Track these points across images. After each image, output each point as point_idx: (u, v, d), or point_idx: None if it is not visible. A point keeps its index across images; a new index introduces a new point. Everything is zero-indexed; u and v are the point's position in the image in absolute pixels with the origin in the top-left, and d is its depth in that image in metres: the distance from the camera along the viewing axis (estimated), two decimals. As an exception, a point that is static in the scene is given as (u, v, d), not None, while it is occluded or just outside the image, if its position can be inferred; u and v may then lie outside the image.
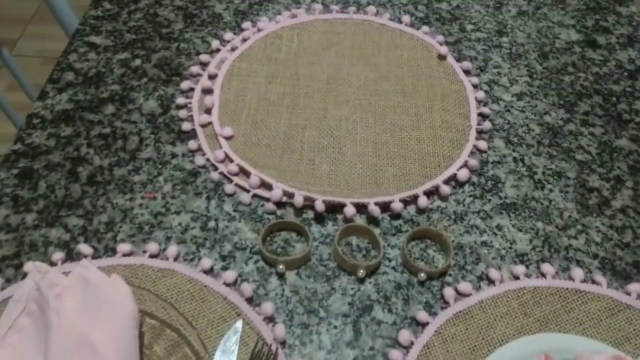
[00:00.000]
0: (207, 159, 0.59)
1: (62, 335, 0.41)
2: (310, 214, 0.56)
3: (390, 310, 0.49)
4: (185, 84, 0.66)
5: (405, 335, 0.47)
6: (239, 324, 0.47)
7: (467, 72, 0.68)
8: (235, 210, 0.56)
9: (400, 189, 0.56)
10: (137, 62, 0.69)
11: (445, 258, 0.52)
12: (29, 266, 0.50)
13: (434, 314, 0.49)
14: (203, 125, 0.62)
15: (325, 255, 0.53)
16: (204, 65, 0.68)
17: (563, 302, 0.50)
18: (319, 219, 0.55)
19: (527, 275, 0.52)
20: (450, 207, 0.57)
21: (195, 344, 0.46)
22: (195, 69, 0.67)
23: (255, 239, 0.54)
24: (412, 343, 0.47)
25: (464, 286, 0.50)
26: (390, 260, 0.53)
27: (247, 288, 0.49)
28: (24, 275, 0.50)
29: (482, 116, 0.64)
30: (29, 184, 0.57)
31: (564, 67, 0.70)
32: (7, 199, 0.56)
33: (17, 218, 0.55)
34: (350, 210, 0.54)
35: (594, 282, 0.51)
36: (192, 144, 0.60)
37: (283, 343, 0.47)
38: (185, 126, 0.62)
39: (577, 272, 0.51)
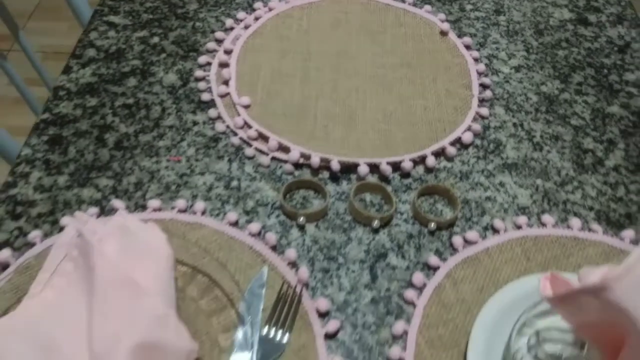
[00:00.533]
0: (227, 126, 0.63)
1: (106, 274, 0.44)
2: (325, 175, 0.59)
3: (403, 257, 0.53)
4: (202, 59, 0.69)
5: (418, 277, 0.51)
6: (265, 270, 0.51)
7: (468, 47, 0.72)
8: (255, 172, 0.59)
9: (409, 151, 0.60)
10: (156, 39, 0.72)
11: (452, 211, 0.56)
12: (65, 220, 0.53)
13: (444, 259, 0.53)
14: (221, 96, 0.65)
15: (341, 210, 0.57)
16: (220, 41, 0.72)
17: (562, 248, 0.54)
18: (334, 178, 0.59)
19: (529, 225, 0.56)
20: (456, 166, 0.61)
21: (226, 286, 0.49)
22: (211, 45, 0.71)
23: (276, 196, 0.57)
24: (424, 284, 0.51)
25: (471, 235, 0.54)
26: (401, 214, 0.56)
27: (272, 237, 0.53)
28: (61, 229, 0.53)
29: (483, 86, 0.68)
30: (59, 149, 0.60)
31: (558, 42, 0.75)
32: (40, 162, 0.59)
33: (50, 180, 0.58)
34: (363, 169, 0.58)
35: (590, 230, 0.55)
36: (213, 112, 0.64)
37: (306, 285, 0.51)
38: (205, 96, 0.65)
39: (575, 222, 0.55)
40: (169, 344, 0.43)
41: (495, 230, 0.55)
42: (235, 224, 0.55)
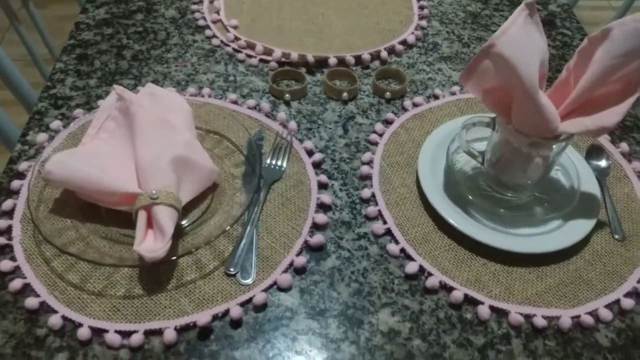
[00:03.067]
0: (221, 41, 0.78)
1: (144, 117, 0.59)
2: (303, 70, 0.75)
3: (367, 117, 0.69)
4: (196, -3, 0.85)
5: (379, 127, 0.67)
6: (261, 130, 0.66)
7: (408, -17, 0.91)
8: (247, 70, 0.75)
9: (367, 50, 0.77)
10: (155, -13, 0.88)
11: (402, 85, 0.73)
12: (101, 102, 0.67)
13: (398, 117, 0.69)
14: (214, 22, 0.81)
15: (317, 92, 0.72)
16: (208, -14, 0.88)
17: (486, 105, 0.71)
18: (310, 72, 0.75)
19: (462, 93, 0.73)
20: (403, 60, 0.78)
21: (233, 139, 0.64)
22: (202, -13, 0.87)
23: (265, 85, 0.73)
24: (384, 131, 0.67)
25: (418, 99, 0.71)
26: (364, 91, 0.73)
27: (266, 106, 0.68)
28: (98, 111, 0.67)
29: (421, 8, 0.86)
30: (87, 63, 0.75)
31: (479, -22, 0.94)
32: (72, 71, 0.73)
33: (82, 82, 0.72)
34: (333, 60, 0.74)
35: (506, 92, 0.73)
36: (208, 32, 0.79)
37: (295, 136, 0.66)
38: (201, 22, 0.81)
39: (495, 87, 0.73)
40: (197, 162, 0.57)
41: (436, 97, 0.72)
42: (235, 102, 0.70)
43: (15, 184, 0.59)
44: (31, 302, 0.50)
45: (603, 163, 0.65)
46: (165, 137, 0.57)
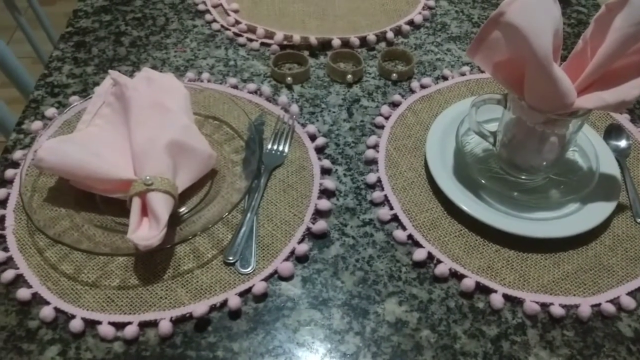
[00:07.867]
0: (222, 25, 0.76)
1: (139, 101, 0.56)
2: (306, 53, 0.73)
3: (373, 100, 0.66)
4: (196, -18, 0.83)
5: (385, 109, 0.64)
6: (262, 115, 0.64)
7: (416, -37, 0.87)
8: (248, 54, 0.72)
9: (372, 31, 0.74)
10: (154, -27, 0.85)
11: (409, 66, 0.70)
12: (97, 89, 0.65)
13: (405, 99, 0.66)
14: (214, 6, 0.79)
15: (321, 75, 0.70)
16: (209, -30, 0.85)
17: (499, 85, 0.68)
18: (313, 55, 0.72)
19: (472, 73, 0.69)
20: (410, 41, 0.74)
21: (233, 124, 0.62)
22: (202, -28, 0.84)
23: (267, 69, 0.70)
24: (391, 114, 0.64)
25: (426, 80, 0.68)
26: (370, 73, 0.70)
27: (267, 90, 0.66)
28: (94, 98, 0.65)
29: (430, -12, 0.83)
30: (84, 50, 0.73)
31: (490, -43, 0.90)
32: (69, 59, 0.71)
33: (80, 70, 0.70)
34: (336, 42, 0.71)
35: (519, 71, 0.69)
36: (208, 17, 0.77)
37: (297, 120, 0.63)
38: (201, 7, 0.79)
39: (507, 67, 0.69)
40: (195, 146, 0.55)
41: (445, 78, 0.69)
42: (235, 87, 0.67)
43: (10, 172, 0.57)
44: (23, 293, 0.48)
45: (623, 143, 0.61)
46: (160, 122, 0.55)
